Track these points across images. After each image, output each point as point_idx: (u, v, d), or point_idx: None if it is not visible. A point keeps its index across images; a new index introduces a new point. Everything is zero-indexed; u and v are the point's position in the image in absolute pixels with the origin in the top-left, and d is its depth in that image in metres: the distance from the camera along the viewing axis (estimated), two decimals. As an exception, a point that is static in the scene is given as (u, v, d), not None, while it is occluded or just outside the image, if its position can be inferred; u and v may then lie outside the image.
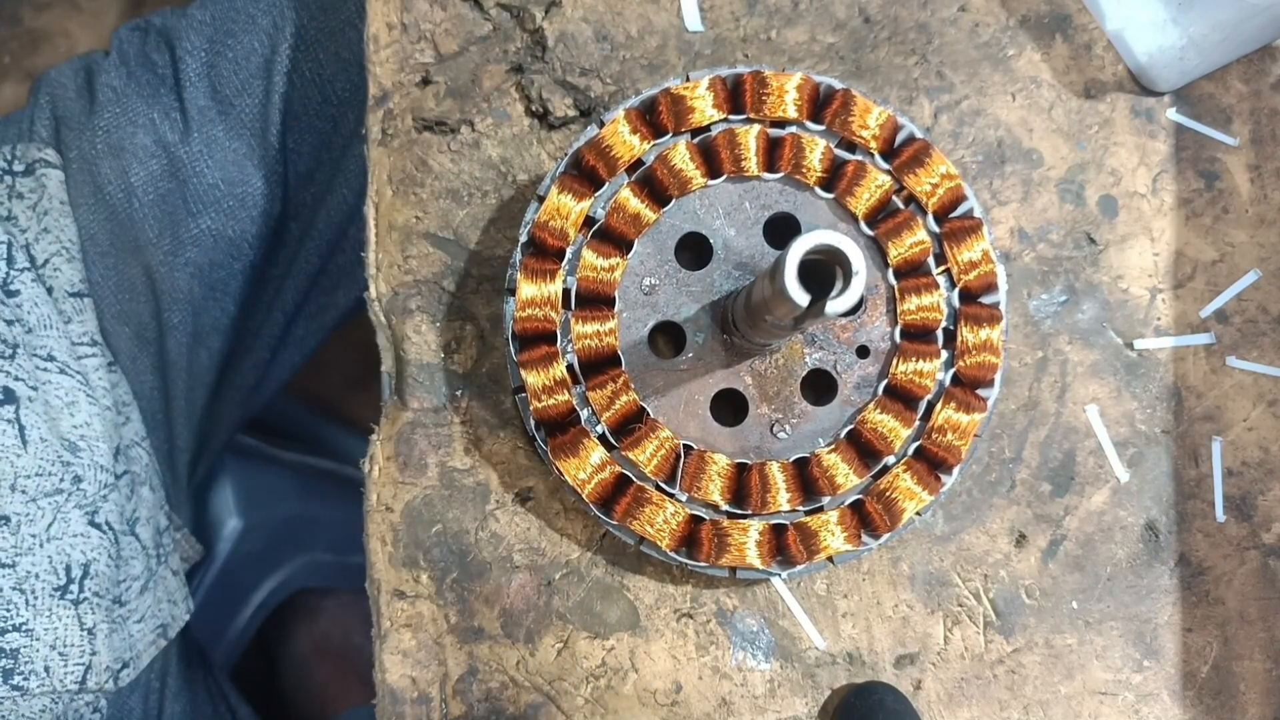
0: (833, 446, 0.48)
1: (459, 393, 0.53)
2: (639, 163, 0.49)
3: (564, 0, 0.55)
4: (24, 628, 0.57)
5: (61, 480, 0.60)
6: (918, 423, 0.49)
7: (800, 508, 0.48)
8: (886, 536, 0.48)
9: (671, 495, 0.48)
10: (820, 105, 0.50)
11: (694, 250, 0.50)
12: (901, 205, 0.49)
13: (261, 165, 0.71)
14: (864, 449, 0.48)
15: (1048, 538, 0.54)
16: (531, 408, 0.47)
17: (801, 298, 0.36)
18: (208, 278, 0.73)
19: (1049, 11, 0.56)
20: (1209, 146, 0.56)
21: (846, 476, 0.48)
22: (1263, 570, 0.54)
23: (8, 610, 0.56)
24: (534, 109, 0.54)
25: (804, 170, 0.49)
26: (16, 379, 0.60)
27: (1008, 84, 0.56)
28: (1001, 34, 0.56)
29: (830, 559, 0.48)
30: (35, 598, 0.58)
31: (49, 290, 0.66)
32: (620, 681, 0.52)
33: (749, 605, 0.53)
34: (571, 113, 0.54)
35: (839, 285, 0.36)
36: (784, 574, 0.48)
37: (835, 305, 0.36)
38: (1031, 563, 0.54)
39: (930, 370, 0.48)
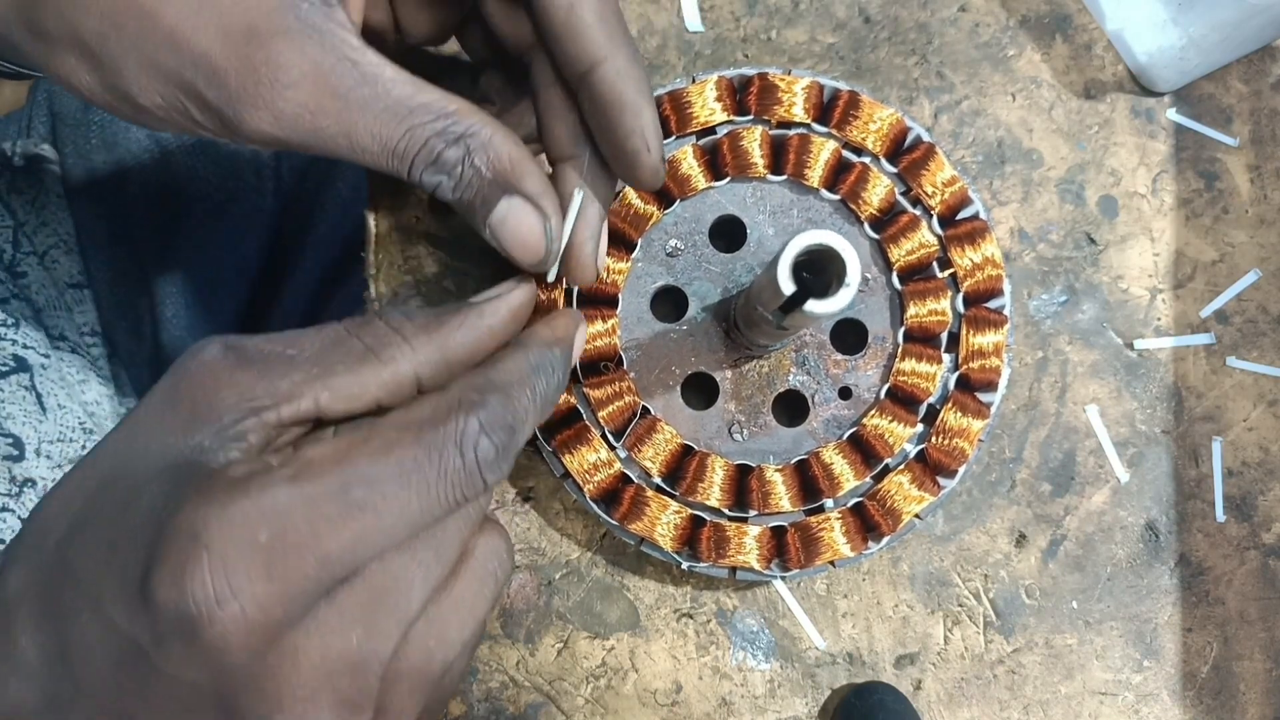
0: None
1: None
2: None
3: (564, 1, 0.55)
4: None
5: (83, 448, 0.61)
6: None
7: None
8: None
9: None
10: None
11: (728, 237, 0.50)
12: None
13: (253, 160, 0.72)
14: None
15: (1048, 538, 0.54)
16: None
17: (788, 286, 0.36)
18: (202, 273, 0.73)
19: (1049, 11, 0.56)
20: (1209, 146, 0.56)
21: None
22: (1263, 570, 0.54)
23: None
24: (534, 109, 0.54)
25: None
26: (26, 347, 0.60)
27: (1008, 84, 0.56)
28: (1001, 34, 0.56)
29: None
30: None
31: (53, 281, 0.66)
32: (620, 681, 0.52)
33: (749, 605, 0.53)
34: (571, 113, 0.54)
35: (832, 289, 0.36)
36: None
37: (816, 305, 0.36)
38: (1031, 563, 0.54)
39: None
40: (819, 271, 0.37)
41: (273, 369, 0.32)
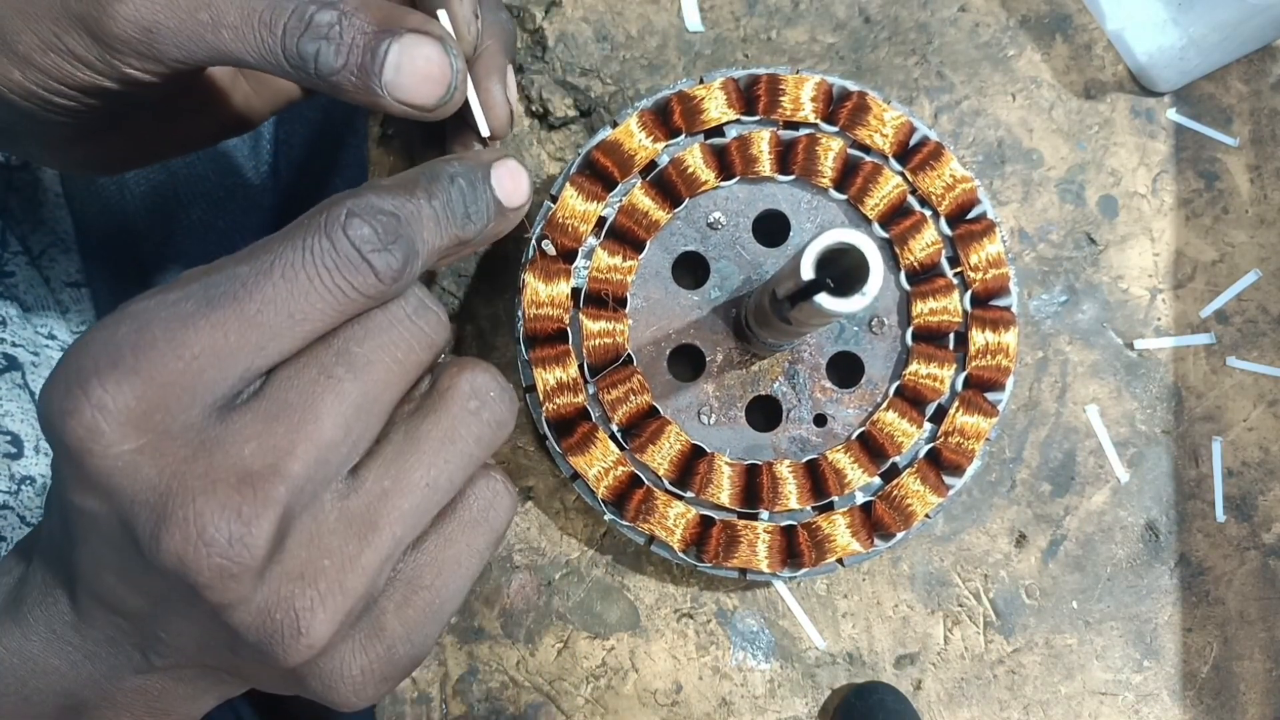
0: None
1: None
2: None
3: (564, 0, 0.55)
4: None
5: None
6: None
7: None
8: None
9: (681, 497, 0.48)
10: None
11: (770, 233, 0.50)
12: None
13: (252, 156, 0.71)
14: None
15: (1048, 538, 0.54)
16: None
17: (808, 272, 0.36)
18: None
19: (1049, 11, 0.56)
20: (1209, 146, 0.56)
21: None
22: (1263, 570, 0.54)
23: None
24: (534, 109, 0.54)
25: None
26: (15, 345, 0.60)
27: (1008, 84, 0.56)
28: (1001, 34, 0.56)
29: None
30: None
31: (46, 280, 0.66)
32: (620, 681, 0.52)
33: (749, 605, 0.53)
34: (571, 113, 0.54)
35: (848, 293, 0.36)
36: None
37: (827, 300, 0.36)
38: (1031, 563, 0.54)
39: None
40: (843, 275, 0.37)
41: None
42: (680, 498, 0.48)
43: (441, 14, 0.39)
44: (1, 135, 0.42)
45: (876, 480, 0.48)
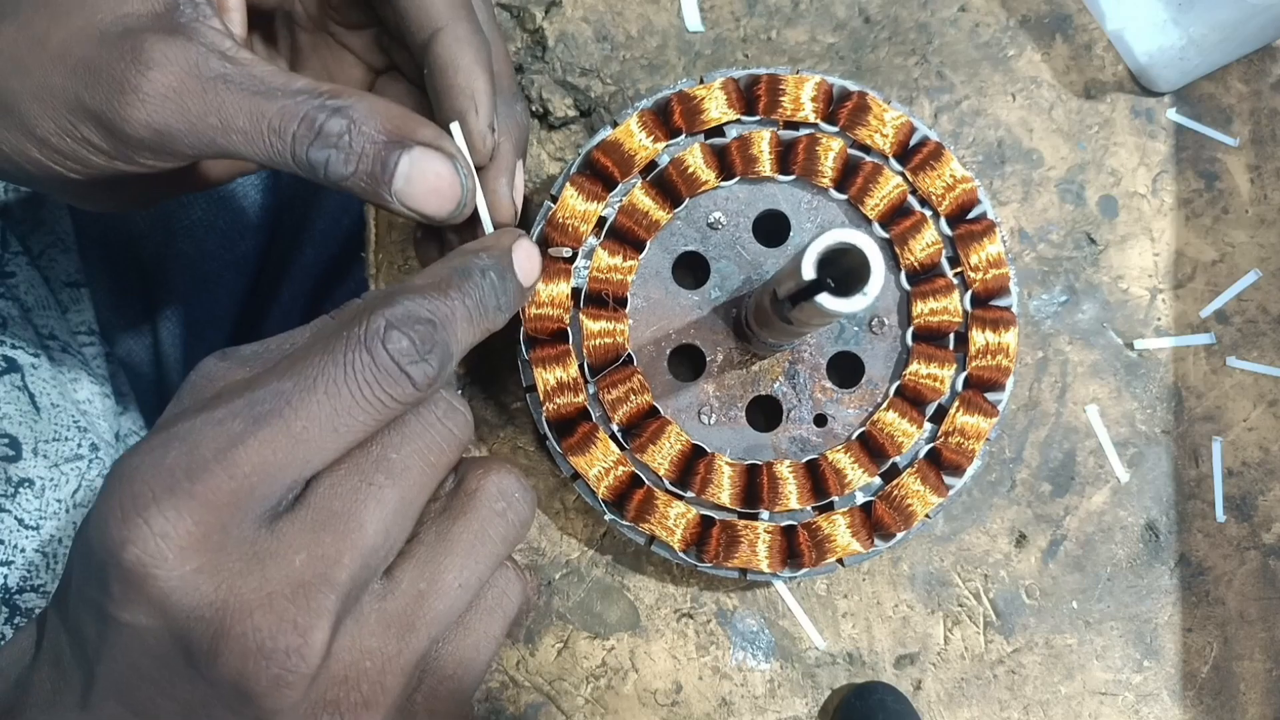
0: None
1: (459, 392, 0.53)
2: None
3: (564, 0, 0.55)
4: (42, 590, 0.57)
5: (79, 446, 0.61)
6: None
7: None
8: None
9: (682, 497, 0.48)
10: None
11: (770, 232, 0.50)
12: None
13: None
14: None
15: (1048, 538, 0.54)
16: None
17: (809, 272, 0.36)
18: (200, 269, 0.73)
19: (1049, 11, 0.56)
20: (1209, 146, 0.56)
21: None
22: (1263, 570, 0.54)
23: (29, 571, 0.57)
24: (534, 109, 0.54)
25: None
26: (15, 347, 0.60)
27: (1008, 84, 0.56)
28: (1001, 34, 0.56)
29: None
30: (57, 562, 0.58)
31: (46, 280, 0.66)
32: (620, 681, 0.52)
33: (749, 605, 0.53)
34: (571, 113, 0.54)
35: (849, 293, 0.36)
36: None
37: (828, 300, 0.36)
38: (1031, 563, 0.54)
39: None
40: (844, 275, 0.37)
41: (266, 364, 0.33)
42: (680, 498, 0.48)
43: (455, 126, 0.39)
44: (14, 178, 0.43)
45: (877, 480, 0.48)
